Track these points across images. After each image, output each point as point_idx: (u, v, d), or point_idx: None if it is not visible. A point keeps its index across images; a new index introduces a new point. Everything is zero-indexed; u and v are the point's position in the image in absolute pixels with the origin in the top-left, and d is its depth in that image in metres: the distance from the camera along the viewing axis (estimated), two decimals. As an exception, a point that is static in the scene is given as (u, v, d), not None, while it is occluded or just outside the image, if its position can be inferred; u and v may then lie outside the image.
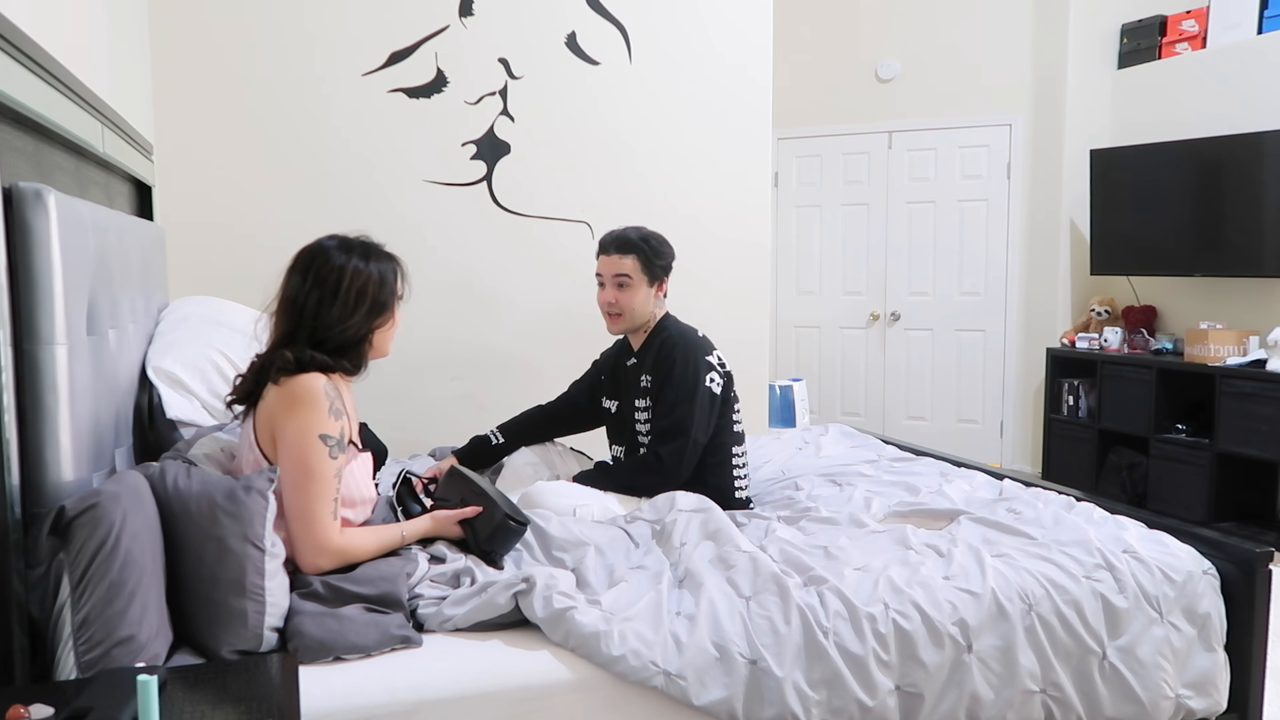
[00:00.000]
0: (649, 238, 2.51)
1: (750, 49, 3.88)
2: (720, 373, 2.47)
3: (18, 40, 1.43)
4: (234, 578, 1.55)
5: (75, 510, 1.41)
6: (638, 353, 2.56)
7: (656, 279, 2.52)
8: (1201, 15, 4.73)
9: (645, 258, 2.48)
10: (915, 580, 1.85)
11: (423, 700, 1.57)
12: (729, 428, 2.49)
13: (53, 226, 1.45)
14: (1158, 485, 4.49)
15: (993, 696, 1.79)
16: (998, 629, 1.81)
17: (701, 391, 2.40)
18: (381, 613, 1.68)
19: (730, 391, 2.51)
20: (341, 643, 1.60)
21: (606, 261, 2.51)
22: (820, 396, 5.82)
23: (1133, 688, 1.87)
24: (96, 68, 2.28)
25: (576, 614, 1.69)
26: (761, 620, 1.73)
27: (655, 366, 2.46)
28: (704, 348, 2.47)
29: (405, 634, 1.66)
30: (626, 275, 2.47)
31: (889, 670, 1.74)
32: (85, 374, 1.60)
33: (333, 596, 1.68)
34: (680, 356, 2.42)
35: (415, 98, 3.54)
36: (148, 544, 1.48)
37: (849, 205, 5.69)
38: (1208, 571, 1.98)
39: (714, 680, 1.65)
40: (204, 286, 3.32)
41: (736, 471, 2.50)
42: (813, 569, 1.88)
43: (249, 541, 1.56)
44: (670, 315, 2.59)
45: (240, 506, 1.57)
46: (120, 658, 1.39)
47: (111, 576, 1.40)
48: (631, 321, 2.52)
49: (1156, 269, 4.67)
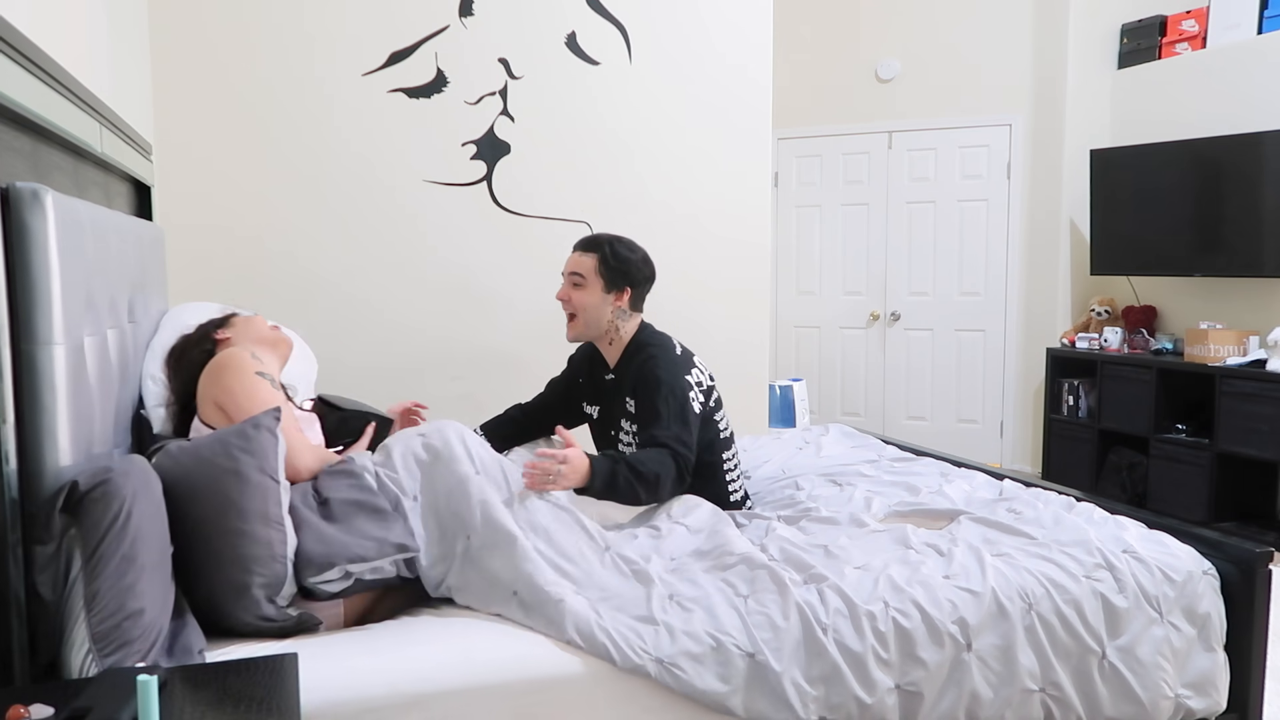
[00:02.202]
0: (617, 241, 2.43)
1: (750, 49, 3.88)
2: (702, 390, 2.38)
3: (16, 41, 1.43)
4: (258, 507, 1.64)
5: (88, 485, 1.44)
6: (615, 369, 2.48)
7: (616, 286, 2.40)
8: (1201, 15, 4.73)
9: (604, 260, 2.39)
10: (915, 579, 1.85)
11: (425, 692, 1.57)
12: (716, 437, 2.43)
13: (50, 227, 1.45)
14: (1158, 485, 4.49)
15: (992, 695, 1.79)
16: (997, 628, 1.81)
17: (689, 409, 2.30)
18: (381, 519, 1.77)
19: (711, 401, 2.42)
20: (343, 553, 1.68)
21: (569, 258, 2.46)
22: (820, 396, 5.82)
23: (1132, 687, 1.87)
24: (96, 68, 2.28)
25: (567, 602, 1.69)
26: (759, 615, 1.73)
27: (638, 386, 2.36)
28: (683, 366, 2.38)
29: (403, 541, 1.73)
30: (580, 275, 2.40)
31: (888, 668, 1.74)
32: (83, 374, 1.60)
33: (331, 507, 1.80)
34: (665, 379, 2.30)
35: (415, 98, 3.54)
36: (156, 521, 1.52)
37: (849, 205, 5.69)
38: (1208, 572, 1.98)
39: (710, 670, 1.66)
40: (203, 287, 3.32)
41: (729, 475, 2.47)
42: (813, 567, 1.88)
43: (265, 473, 1.67)
44: (647, 329, 2.48)
45: (252, 441, 1.67)
46: (130, 630, 1.42)
47: (124, 550, 1.44)
48: (585, 328, 2.43)
49: (1156, 269, 4.67)
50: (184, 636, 1.55)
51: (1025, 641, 1.82)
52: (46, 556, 1.45)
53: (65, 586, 1.45)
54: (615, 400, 2.46)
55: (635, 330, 2.47)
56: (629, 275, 2.42)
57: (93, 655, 1.41)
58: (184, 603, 1.62)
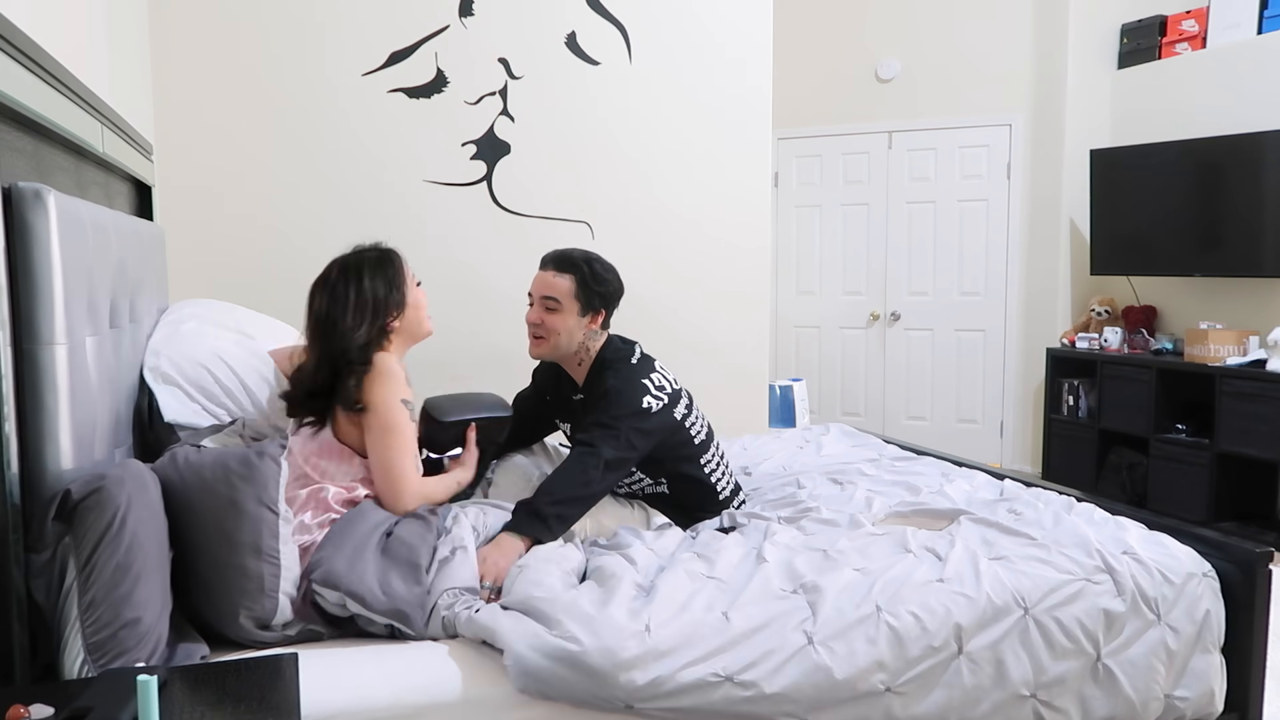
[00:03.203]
0: (594, 261, 2.27)
1: (750, 49, 3.88)
2: (665, 392, 2.25)
3: (18, 40, 1.43)
4: (250, 540, 1.60)
5: (81, 494, 1.43)
6: (583, 388, 2.35)
7: (592, 308, 2.26)
8: (1201, 15, 4.73)
9: (583, 281, 2.24)
10: (910, 582, 1.85)
11: (427, 703, 1.57)
12: (690, 443, 2.32)
13: (52, 226, 1.45)
14: (1158, 485, 4.49)
15: (984, 699, 1.78)
16: (991, 632, 1.80)
17: (635, 415, 2.18)
18: (409, 579, 1.74)
19: (680, 406, 2.30)
20: (354, 586, 1.67)
21: (540, 278, 2.27)
22: (820, 396, 5.82)
23: (1124, 687, 1.86)
24: (96, 68, 2.29)
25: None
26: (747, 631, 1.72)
27: (598, 401, 2.24)
28: (641, 371, 2.25)
29: (409, 614, 1.69)
30: (555, 300, 2.23)
31: (880, 671, 1.73)
32: (85, 374, 1.60)
33: (388, 540, 1.81)
34: (614, 390, 2.20)
35: (415, 98, 3.54)
36: (152, 528, 1.50)
37: (849, 205, 5.69)
38: (1207, 574, 1.97)
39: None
40: (203, 286, 3.33)
41: (713, 475, 2.40)
42: (804, 577, 1.86)
43: (264, 504, 1.62)
44: (612, 343, 2.33)
45: (254, 470, 1.62)
46: (126, 639, 1.41)
47: (118, 559, 1.42)
48: (555, 350, 2.28)
49: (1156, 269, 4.67)
50: (184, 642, 1.54)
51: (1019, 645, 1.81)
52: (41, 564, 1.44)
53: (61, 594, 1.44)
54: (584, 418, 2.31)
55: (601, 347, 2.32)
56: (606, 297, 2.28)
57: (88, 665, 1.39)
58: (184, 607, 1.62)
